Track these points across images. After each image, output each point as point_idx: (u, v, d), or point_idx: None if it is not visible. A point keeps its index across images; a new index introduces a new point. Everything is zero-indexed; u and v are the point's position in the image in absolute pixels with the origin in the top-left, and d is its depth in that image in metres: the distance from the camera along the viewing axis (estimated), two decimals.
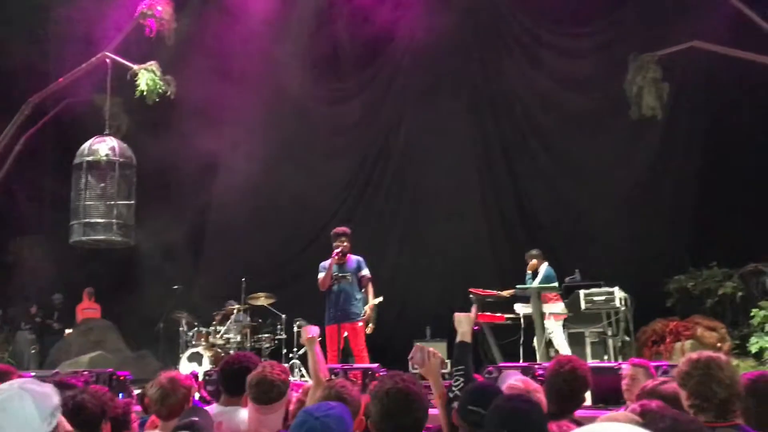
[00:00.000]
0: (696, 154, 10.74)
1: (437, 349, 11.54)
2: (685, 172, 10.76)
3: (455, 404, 2.89)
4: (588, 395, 5.27)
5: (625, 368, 4.38)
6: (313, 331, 3.83)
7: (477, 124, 12.02)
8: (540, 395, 3.01)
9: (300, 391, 3.69)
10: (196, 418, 2.92)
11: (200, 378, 7.37)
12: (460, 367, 3.28)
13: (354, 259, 8.07)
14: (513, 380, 3.17)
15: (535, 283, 9.09)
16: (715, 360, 3.03)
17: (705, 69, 10.47)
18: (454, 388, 3.15)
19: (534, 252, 9.51)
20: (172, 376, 3.56)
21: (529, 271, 9.47)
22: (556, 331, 8.84)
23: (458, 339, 3.53)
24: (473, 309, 3.84)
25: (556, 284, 9.08)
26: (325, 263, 8.03)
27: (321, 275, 8.01)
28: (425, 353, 3.38)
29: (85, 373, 6.67)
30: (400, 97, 12.34)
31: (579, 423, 3.36)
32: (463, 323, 3.59)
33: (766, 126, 10.02)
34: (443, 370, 3.65)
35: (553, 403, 3.22)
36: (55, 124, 12.05)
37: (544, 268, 9.32)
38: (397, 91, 12.33)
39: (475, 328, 3.87)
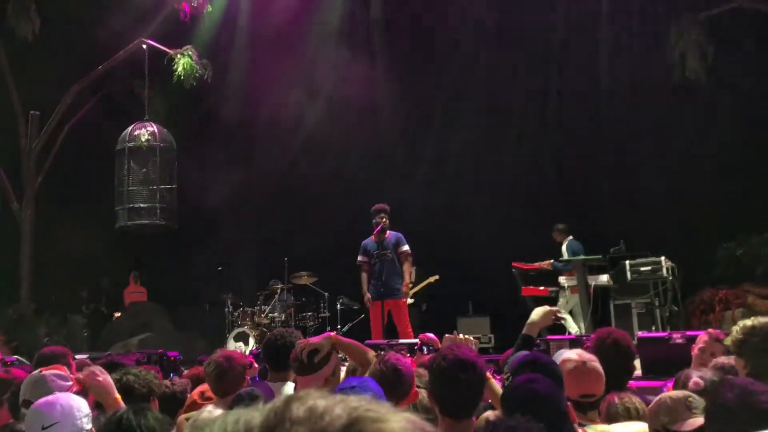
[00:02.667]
0: (742, 117, 10.42)
1: (479, 324, 11.66)
2: (732, 135, 10.45)
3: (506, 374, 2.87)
4: (638, 365, 5.21)
5: (702, 338, 4.22)
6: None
7: (517, 93, 11.84)
8: (596, 364, 2.96)
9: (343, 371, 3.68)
10: (258, 391, 2.99)
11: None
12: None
13: (393, 235, 8.07)
14: (567, 353, 3.11)
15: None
16: None
17: (751, 29, 10.11)
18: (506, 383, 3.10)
19: (558, 226, 9.45)
20: (228, 354, 3.62)
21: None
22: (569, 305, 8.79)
23: (525, 330, 3.46)
24: (554, 310, 3.76)
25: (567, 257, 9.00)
26: (366, 242, 8.05)
27: (360, 257, 8.06)
28: (455, 338, 3.35)
29: (137, 353, 6.82)
30: (438, 65, 12.19)
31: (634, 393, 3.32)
32: (537, 319, 3.51)
33: None
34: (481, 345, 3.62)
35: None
36: (97, 111, 12.25)
37: (566, 243, 9.25)
38: (435, 57, 12.17)
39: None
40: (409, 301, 10.15)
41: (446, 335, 3.56)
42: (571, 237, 9.34)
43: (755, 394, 2.17)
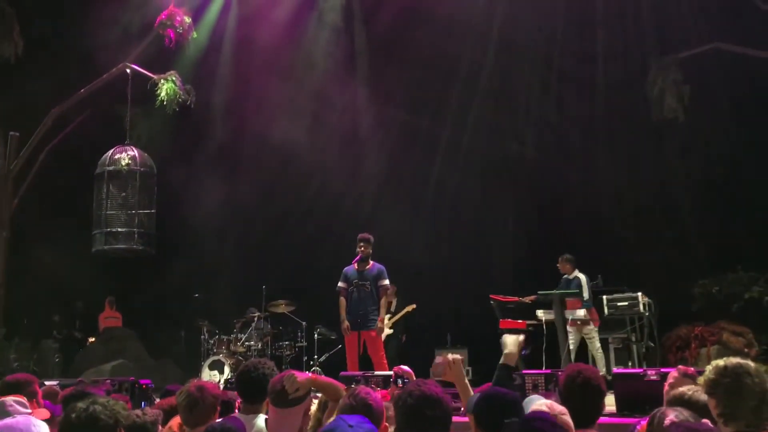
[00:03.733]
0: (718, 155, 10.60)
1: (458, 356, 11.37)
2: (708, 173, 10.61)
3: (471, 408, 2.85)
4: (612, 402, 5.21)
5: (672, 375, 4.25)
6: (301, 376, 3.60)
7: (497, 132, 11.94)
8: (566, 417, 2.95)
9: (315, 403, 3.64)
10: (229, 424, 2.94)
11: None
12: None
13: (376, 267, 8.06)
14: (537, 404, 3.10)
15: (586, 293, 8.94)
16: (743, 366, 2.95)
17: (727, 70, 10.34)
18: None
19: (566, 257, 9.31)
20: (200, 384, 3.56)
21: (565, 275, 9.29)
22: (595, 336, 8.73)
23: (502, 360, 3.46)
24: (521, 337, 3.75)
25: (587, 291, 8.91)
26: (348, 269, 8.05)
27: (340, 284, 8.04)
28: (446, 362, 3.33)
29: (107, 381, 6.69)
30: (427, 101, 12.29)
31: None
32: (510, 345, 3.50)
33: None
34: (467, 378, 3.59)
35: (571, 413, 3.16)
36: (77, 134, 12.18)
37: (577, 274, 9.11)
38: (424, 93, 12.27)
39: (524, 352, 3.84)
40: (388, 331, 10.13)
41: (437, 355, 3.55)
42: (576, 270, 9.22)
43: None
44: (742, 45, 10.25)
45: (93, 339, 12.49)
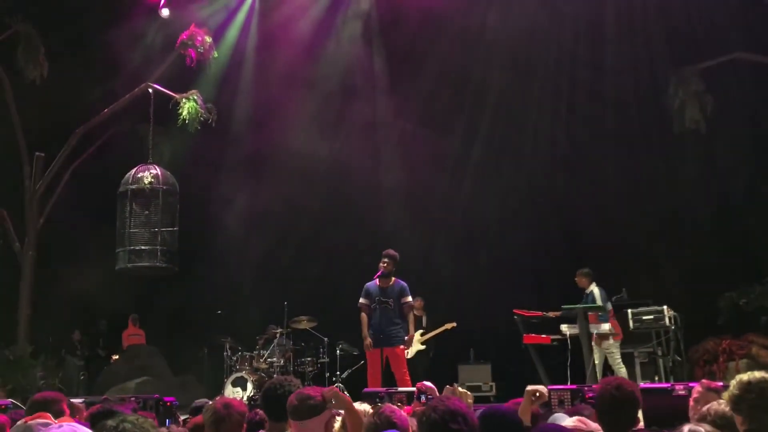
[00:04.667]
0: (742, 165, 10.48)
1: (480, 372, 11.50)
2: (731, 184, 10.49)
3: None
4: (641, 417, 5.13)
5: (696, 389, 4.20)
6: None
7: (519, 145, 11.91)
8: None
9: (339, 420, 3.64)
10: None
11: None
12: None
13: (398, 284, 8.04)
14: (571, 421, 3.05)
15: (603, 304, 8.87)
16: None
17: (749, 80, 10.25)
18: None
19: (583, 271, 9.26)
20: (227, 401, 3.57)
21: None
22: (615, 351, 8.63)
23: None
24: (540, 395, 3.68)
25: (601, 304, 8.82)
26: (369, 285, 8.04)
27: (362, 300, 8.03)
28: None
29: (132, 399, 6.72)
30: (447, 115, 12.31)
31: None
32: (521, 409, 3.41)
33: None
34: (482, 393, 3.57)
35: (605, 425, 3.12)
36: (101, 153, 12.35)
37: (592, 288, 9.09)
38: (444, 108, 12.29)
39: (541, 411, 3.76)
40: (420, 347, 10.11)
41: (446, 387, 3.51)
42: (594, 284, 9.17)
43: None
44: (762, 54, 10.16)
45: (117, 357, 12.58)
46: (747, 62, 10.24)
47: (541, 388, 3.55)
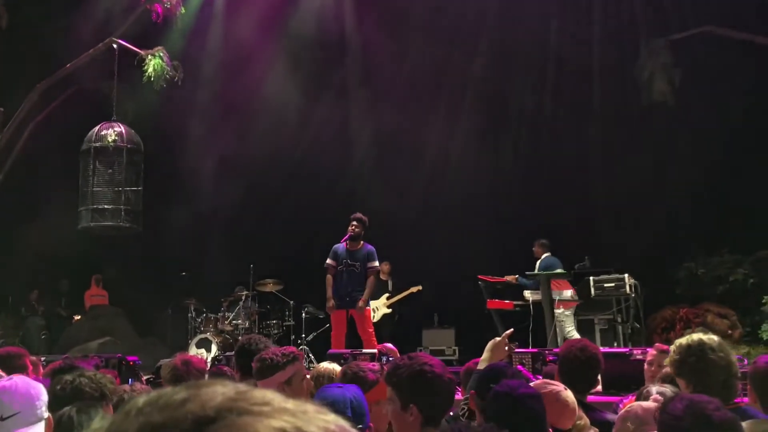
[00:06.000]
0: (706, 139, 10.64)
1: (444, 336, 11.64)
2: (695, 157, 10.67)
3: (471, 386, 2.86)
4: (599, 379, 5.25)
5: (650, 352, 4.33)
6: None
7: (484, 113, 11.92)
8: (568, 393, 2.92)
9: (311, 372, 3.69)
10: None
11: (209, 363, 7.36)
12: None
13: (366, 248, 8.04)
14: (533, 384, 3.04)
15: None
16: (706, 342, 2.94)
17: (718, 54, 10.35)
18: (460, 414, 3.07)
19: (539, 241, 9.48)
20: (186, 358, 3.57)
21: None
22: (565, 320, 8.79)
23: (481, 366, 3.37)
24: (505, 336, 3.67)
25: (560, 270, 8.98)
26: (337, 246, 8.03)
27: (329, 261, 8.02)
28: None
29: (95, 357, 6.68)
30: (414, 72, 12.24)
31: (590, 408, 3.34)
32: (489, 355, 3.40)
33: None
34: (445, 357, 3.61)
35: (568, 385, 3.19)
36: (63, 110, 12.03)
37: (543, 258, 9.32)
38: (405, 83, 12.21)
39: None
40: (387, 311, 10.19)
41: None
42: (548, 254, 9.36)
43: (702, 403, 2.21)
44: (734, 29, 10.25)
45: (79, 317, 12.44)
46: (717, 36, 10.33)
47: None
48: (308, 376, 3.60)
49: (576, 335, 8.67)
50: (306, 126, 12.07)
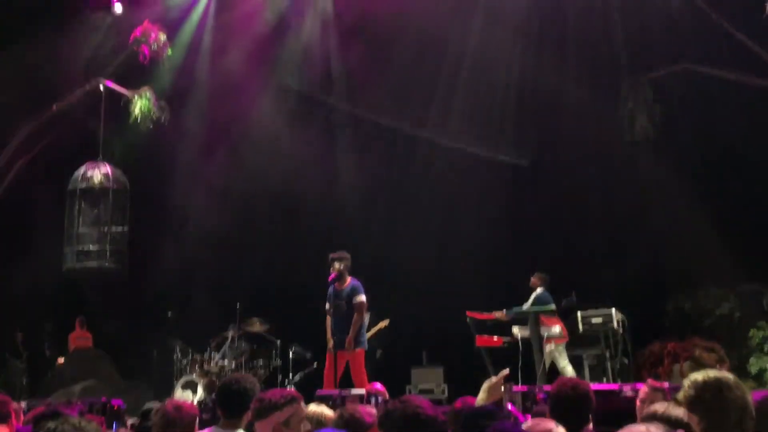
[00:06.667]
0: (690, 174, 10.77)
1: (433, 374, 11.49)
2: (679, 192, 10.79)
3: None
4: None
5: (642, 390, 4.31)
6: None
7: (474, 149, 12.02)
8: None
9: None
10: None
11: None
12: None
13: (351, 284, 8.01)
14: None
15: (526, 306, 9.04)
16: (723, 380, 2.92)
17: (697, 90, 10.54)
18: None
19: (540, 274, 9.49)
20: (177, 404, 3.52)
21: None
22: (559, 356, 8.76)
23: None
24: (501, 376, 3.66)
25: (552, 306, 8.97)
26: (329, 289, 8.04)
27: (327, 304, 8.03)
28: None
29: (79, 403, 6.56)
30: (406, 110, 12.35)
31: None
32: (485, 396, 3.42)
33: (757, 145, 10.07)
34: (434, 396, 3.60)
35: (558, 422, 3.17)
36: (50, 150, 12.00)
37: (536, 291, 9.33)
38: (394, 117, 12.33)
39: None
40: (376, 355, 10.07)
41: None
42: (541, 289, 9.38)
43: None
44: (712, 67, 10.47)
45: (62, 359, 12.23)
46: (696, 72, 10.53)
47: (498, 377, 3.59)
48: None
49: (570, 369, 8.65)
50: (293, 163, 12.10)
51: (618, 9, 10.74)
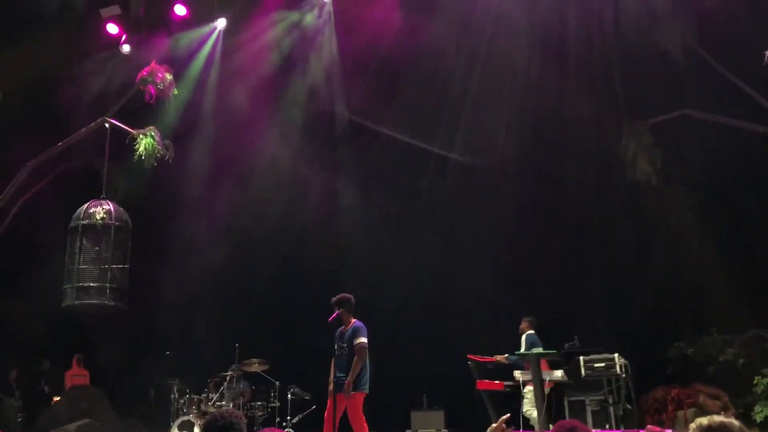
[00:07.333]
0: (692, 219, 10.78)
1: (433, 419, 11.39)
2: (683, 234, 10.78)
3: None
4: None
5: None
6: None
7: (475, 191, 12.06)
8: None
9: None
10: None
11: None
12: None
13: (353, 327, 7.95)
14: None
15: (523, 350, 8.99)
16: (727, 426, 2.92)
17: (698, 136, 10.62)
18: None
19: (528, 318, 9.51)
20: None
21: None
22: (528, 399, 8.70)
23: None
24: (502, 421, 3.65)
25: (553, 351, 8.90)
26: (336, 332, 7.99)
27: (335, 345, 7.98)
28: None
29: None
30: (399, 164, 12.43)
31: None
32: None
33: (759, 193, 10.10)
34: None
35: None
36: (53, 187, 12.07)
37: (527, 334, 9.30)
38: (397, 158, 12.40)
39: None
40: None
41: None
42: (531, 331, 9.36)
43: None
44: (711, 112, 10.57)
45: (58, 398, 12.10)
46: (696, 119, 10.63)
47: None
48: None
49: (534, 412, 8.57)
50: (295, 200, 12.14)
51: (619, 58, 10.88)
